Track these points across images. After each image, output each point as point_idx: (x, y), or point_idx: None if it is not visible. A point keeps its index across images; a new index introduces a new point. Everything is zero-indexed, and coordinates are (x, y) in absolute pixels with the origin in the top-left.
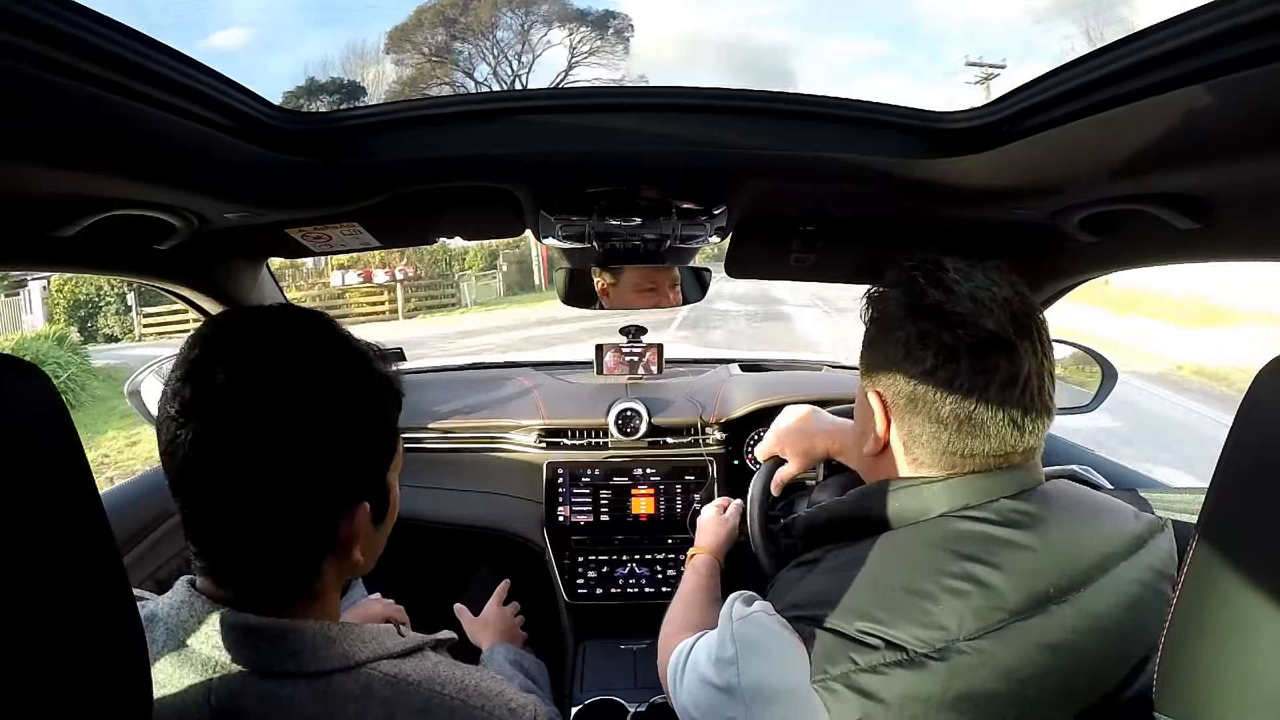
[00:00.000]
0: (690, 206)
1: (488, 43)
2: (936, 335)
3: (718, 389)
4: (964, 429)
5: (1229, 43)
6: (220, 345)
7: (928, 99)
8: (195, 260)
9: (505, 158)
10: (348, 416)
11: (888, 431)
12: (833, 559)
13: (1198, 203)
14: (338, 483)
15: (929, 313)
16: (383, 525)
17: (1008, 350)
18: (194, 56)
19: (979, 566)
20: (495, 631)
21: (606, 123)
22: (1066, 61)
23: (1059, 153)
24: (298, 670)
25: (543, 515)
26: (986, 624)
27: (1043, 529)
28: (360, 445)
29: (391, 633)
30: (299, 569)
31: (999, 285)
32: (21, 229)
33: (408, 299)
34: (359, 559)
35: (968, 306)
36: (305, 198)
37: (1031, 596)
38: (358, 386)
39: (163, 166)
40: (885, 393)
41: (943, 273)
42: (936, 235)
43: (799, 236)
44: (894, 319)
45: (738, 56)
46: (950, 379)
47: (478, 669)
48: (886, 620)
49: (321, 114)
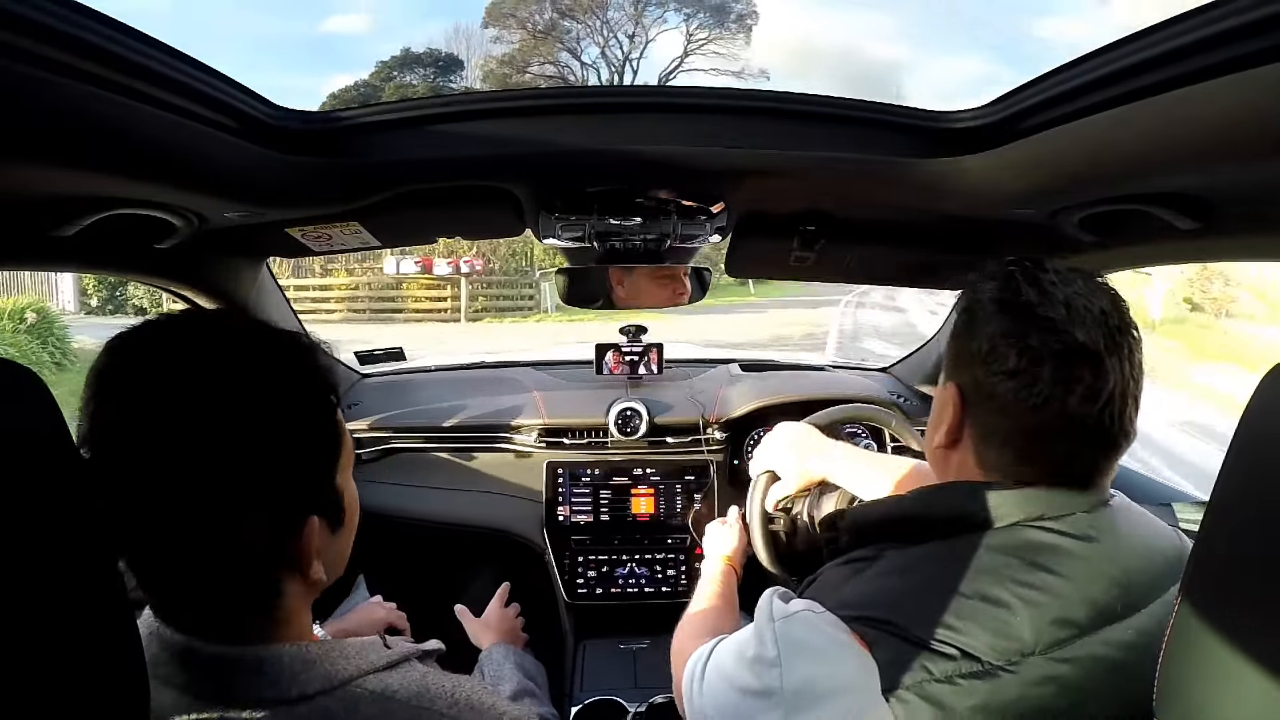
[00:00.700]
0: (690, 206)
1: (598, 21)
2: (1023, 336)
3: (718, 389)
4: (1039, 436)
5: (1229, 43)
6: (112, 378)
7: None
8: (195, 260)
9: (506, 157)
10: (267, 429)
11: (960, 426)
12: (891, 559)
13: (1198, 203)
14: (273, 500)
15: (1020, 312)
16: (342, 530)
17: (1094, 363)
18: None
19: (1053, 578)
20: (496, 632)
21: (607, 123)
22: (1067, 61)
23: (1059, 153)
24: (277, 698)
25: (543, 515)
26: (1058, 637)
27: (1112, 547)
28: (290, 455)
29: (376, 645)
30: (254, 596)
31: (1097, 296)
32: (21, 229)
33: (474, 298)
34: (317, 576)
35: (1061, 313)
36: (306, 197)
37: (1099, 613)
38: (274, 394)
39: (163, 166)
40: (964, 386)
41: (1042, 274)
42: (937, 235)
43: (799, 236)
44: (984, 313)
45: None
46: (1030, 383)
47: (468, 679)
48: (962, 629)
49: (322, 113)
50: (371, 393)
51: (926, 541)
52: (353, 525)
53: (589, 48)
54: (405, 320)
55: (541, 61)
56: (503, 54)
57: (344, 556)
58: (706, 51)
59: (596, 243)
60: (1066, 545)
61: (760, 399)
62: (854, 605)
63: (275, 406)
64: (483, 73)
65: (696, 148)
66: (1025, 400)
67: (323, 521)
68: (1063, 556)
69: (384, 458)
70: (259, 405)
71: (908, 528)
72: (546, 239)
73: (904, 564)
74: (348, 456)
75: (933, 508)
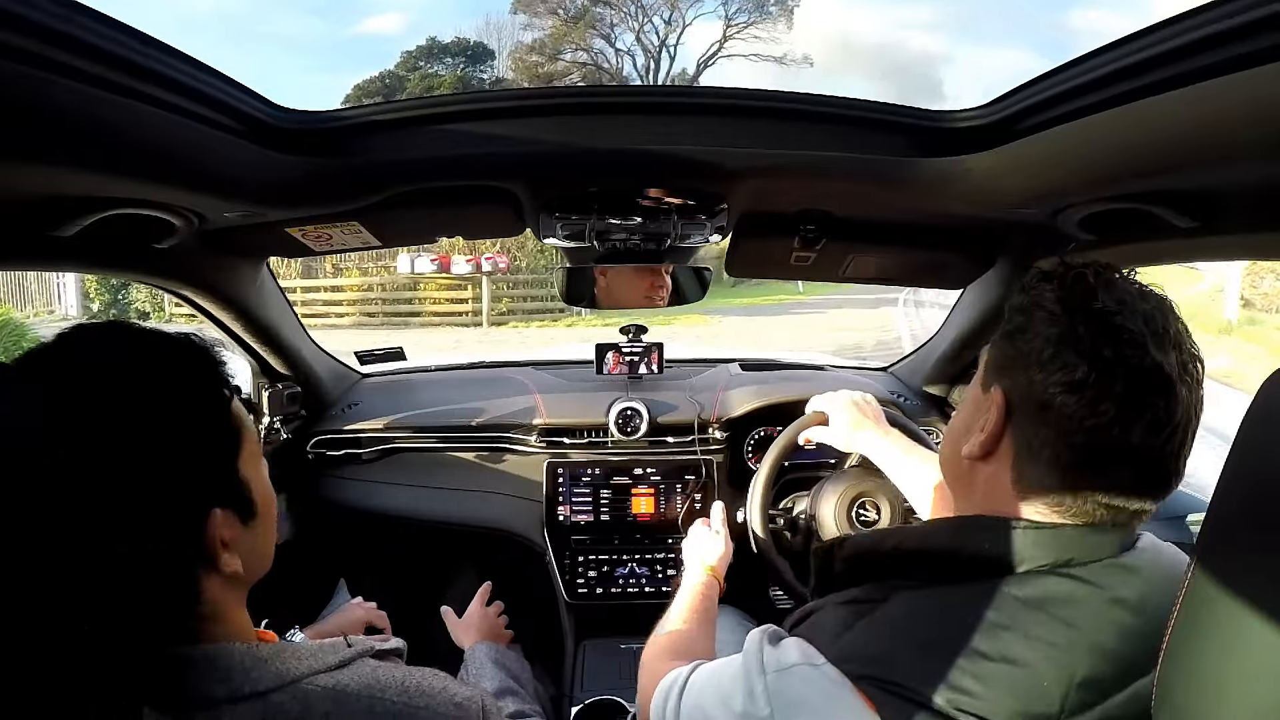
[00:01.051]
0: (690, 205)
1: (632, 5)
2: (1097, 346)
3: (718, 388)
4: (1093, 462)
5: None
6: (30, 370)
7: None
8: (195, 259)
9: (506, 157)
10: (152, 426)
11: (1000, 435)
12: (902, 604)
13: (1198, 202)
14: (168, 493)
15: (1095, 318)
16: (256, 521)
17: (1167, 392)
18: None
19: (1077, 633)
20: (478, 631)
21: (607, 122)
22: (1067, 61)
23: (1059, 152)
24: (230, 695)
25: (543, 515)
26: (1084, 700)
27: (1141, 598)
28: (180, 450)
29: (336, 646)
30: (173, 593)
31: (1171, 316)
32: (21, 229)
33: (497, 299)
34: (233, 569)
35: (1141, 326)
36: (306, 197)
37: (1125, 670)
38: (158, 393)
39: (164, 166)
40: (1012, 392)
41: (1118, 279)
42: (937, 235)
43: (799, 236)
44: (1048, 313)
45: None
46: (1097, 400)
47: (419, 670)
48: (979, 693)
49: (322, 113)
50: (371, 393)
51: (941, 583)
52: (269, 515)
53: (623, 34)
54: (423, 324)
55: (574, 48)
56: (533, 40)
57: (266, 548)
58: (746, 36)
59: (596, 242)
60: (1092, 596)
61: (760, 399)
62: (859, 659)
63: (158, 405)
64: (513, 61)
65: (697, 147)
66: (1087, 419)
67: (228, 513)
68: (1087, 609)
69: (384, 458)
70: (141, 405)
71: (926, 564)
72: (546, 238)
73: (916, 611)
74: (251, 447)
75: (964, 546)
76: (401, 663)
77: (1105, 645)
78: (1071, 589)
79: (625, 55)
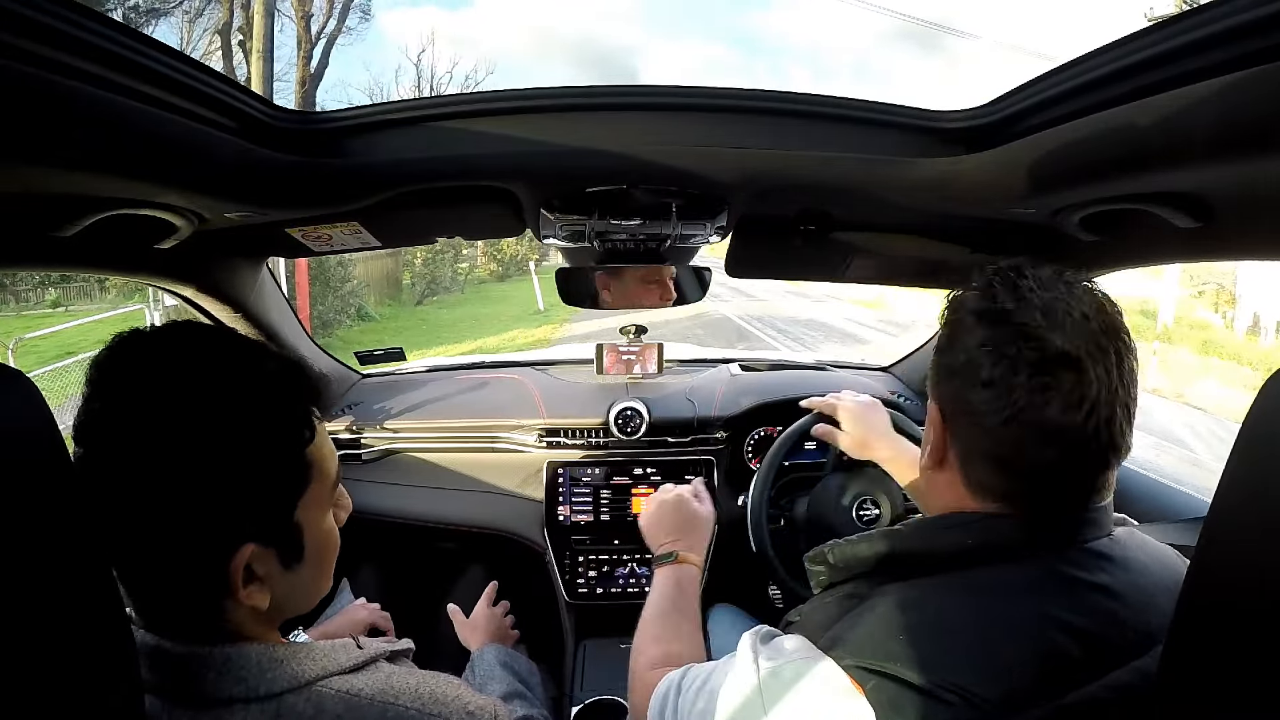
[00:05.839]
0: (691, 206)
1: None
2: (999, 345)
3: (718, 388)
4: (1017, 449)
5: (1229, 43)
6: (105, 370)
7: None
8: (195, 260)
9: (505, 157)
10: (218, 449)
11: (945, 445)
12: (889, 596)
13: (1198, 202)
14: (209, 518)
15: (996, 320)
16: (301, 567)
17: (1076, 370)
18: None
19: (1054, 617)
20: (485, 633)
21: (607, 122)
22: (1066, 61)
23: (1059, 152)
24: (245, 695)
25: (543, 515)
26: (1067, 683)
27: (1115, 583)
28: (237, 480)
29: (348, 647)
30: (195, 608)
31: (1081, 300)
32: (21, 229)
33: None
34: (254, 603)
35: (1037, 318)
36: (306, 197)
37: (1102, 655)
38: (238, 417)
39: (164, 166)
40: (944, 401)
41: (1021, 280)
42: (937, 235)
43: (799, 236)
44: (964, 325)
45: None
46: (1006, 392)
47: (433, 675)
48: (961, 672)
49: (322, 113)
50: (371, 393)
51: (922, 577)
52: (321, 562)
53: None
54: None
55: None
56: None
57: (309, 592)
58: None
59: (596, 242)
60: (1055, 581)
61: (760, 398)
62: (846, 647)
63: (232, 430)
64: None
65: (696, 147)
66: (1000, 411)
67: (268, 551)
68: (1053, 593)
69: (384, 458)
70: (227, 429)
71: (906, 564)
72: (546, 239)
73: (898, 602)
74: (319, 492)
75: (932, 545)
76: (412, 665)
77: (1074, 626)
78: (1033, 574)
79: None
